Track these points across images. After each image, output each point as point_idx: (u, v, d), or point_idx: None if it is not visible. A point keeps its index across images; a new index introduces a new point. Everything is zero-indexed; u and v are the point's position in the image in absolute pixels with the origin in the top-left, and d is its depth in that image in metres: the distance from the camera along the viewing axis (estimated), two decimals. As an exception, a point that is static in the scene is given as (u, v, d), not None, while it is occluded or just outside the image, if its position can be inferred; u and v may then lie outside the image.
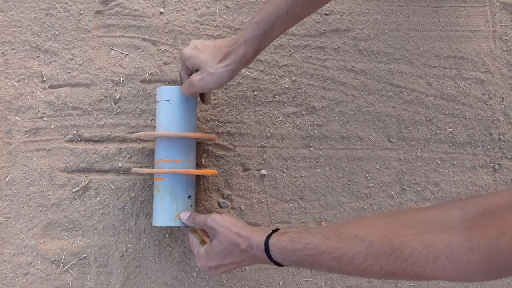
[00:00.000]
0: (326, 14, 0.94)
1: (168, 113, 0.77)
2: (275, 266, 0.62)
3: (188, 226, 0.75)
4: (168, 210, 0.75)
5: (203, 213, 0.74)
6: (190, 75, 0.75)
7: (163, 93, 0.77)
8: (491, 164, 0.95)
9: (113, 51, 0.88)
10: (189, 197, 0.77)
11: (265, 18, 0.68)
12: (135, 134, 0.79)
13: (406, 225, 0.52)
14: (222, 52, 0.70)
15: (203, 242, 0.72)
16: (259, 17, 0.69)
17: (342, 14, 0.95)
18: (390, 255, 0.51)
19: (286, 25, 0.70)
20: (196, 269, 0.84)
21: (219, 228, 0.66)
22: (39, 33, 0.87)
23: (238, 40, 0.69)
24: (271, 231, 0.63)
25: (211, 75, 0.70)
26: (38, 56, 0.87)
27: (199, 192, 0.86)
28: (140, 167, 0.86)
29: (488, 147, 0.95)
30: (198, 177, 0.86)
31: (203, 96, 0.81)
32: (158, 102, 0.78)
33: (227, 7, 0.92)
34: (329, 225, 0.59)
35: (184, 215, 0.75)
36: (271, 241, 0.61)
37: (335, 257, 0.54)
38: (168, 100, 0.77)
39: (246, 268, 0.86)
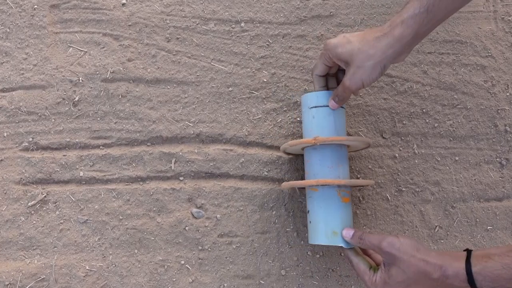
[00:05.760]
0: (307, -1, 0.85)
1: (339, 118, 0.70)
2: None
3: (346, 246, 0.67)
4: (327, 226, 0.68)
5: (373, 233, 0.64)
6: (328, 67, 0.67)
7: (322, 98, 0.69)
8: (498, 159, 0.85)
9: (71, 49, 0.80)
10: (308, 212, 0.71)
11: None
12: (350, 136, 0.70)
13: None
14: (372, 38, 0.60)
15: (372, 268, 0.63)
16: None
17: (324, -2, 0.86)
18: None
19: (456, 1, 0.60)
20: (169, 288, 0.75)
21: (401, 255, 0.58)
22: (-11, 32, 0.79)
23: (394, 22, 0.60)
24: (465, 255, 0.56)
25: (359, 69, 0.61)
26: (-12, 57, 0.79)
27: (169, 202, 0.77)
28: (104, 176, 0.77)
29: (494, 140, 0.85)
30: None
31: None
32: (322, 106, 0.69)
33: (196, -5, 0.83)
34: None
35: (348, 233, 0.65)
36: (475, 269, 0.54)
37: None
38: (325, 106, 0.69)
39: None
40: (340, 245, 0.66)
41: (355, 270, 0.66)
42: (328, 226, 0.67)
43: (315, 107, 0.69)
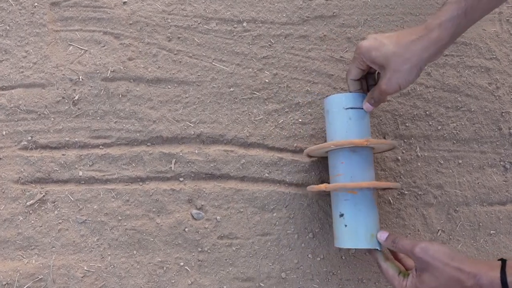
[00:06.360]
0: (310, -1, 0.84)
1: (366, 122, 0.69)
2: None
3: (373, 249, 0.66)
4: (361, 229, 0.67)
5: (407, 237, 0.64)
6: (362, 70, 0.66)
7: (358, 99, 0.69)
8: (501, 163, 0.84)
9: (71, 47, 0.79)
10: (342, 215, 0.68)
11: None
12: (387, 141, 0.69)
13: None
14: (407, 41, 0.60)
15: (402, 273, 0.63)
16: None
17: (327, -2, 0.85)
18: None
19: (493, 1, 0.60)
20: (168, 289, 0.75)
21: (434, 262, 0.58)
22: (-11, 29, 0.79)
23: (431, 24, 0.60)
24: (499, 264, 0.55)
25: (395, 73, 0.61)
26: (-13, 55, 0.78)
27: (169, 203, 0.77)
28: (103, 175, 0.76)
29: (497, 143, 0.84)
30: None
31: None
32: (357, 108, 0.69)
33: (198, -6, 0.82)
34: None
35: (382, 236, 0.65)
36: (510, 279, 0.53)
37: None
38: (360, 108, 0.69)
39: None
40: (376, 248, 0.66)
41: (384, 275, 0.65)
42: (368, 229, 0.67)
43: (352, 108, 0.68)
